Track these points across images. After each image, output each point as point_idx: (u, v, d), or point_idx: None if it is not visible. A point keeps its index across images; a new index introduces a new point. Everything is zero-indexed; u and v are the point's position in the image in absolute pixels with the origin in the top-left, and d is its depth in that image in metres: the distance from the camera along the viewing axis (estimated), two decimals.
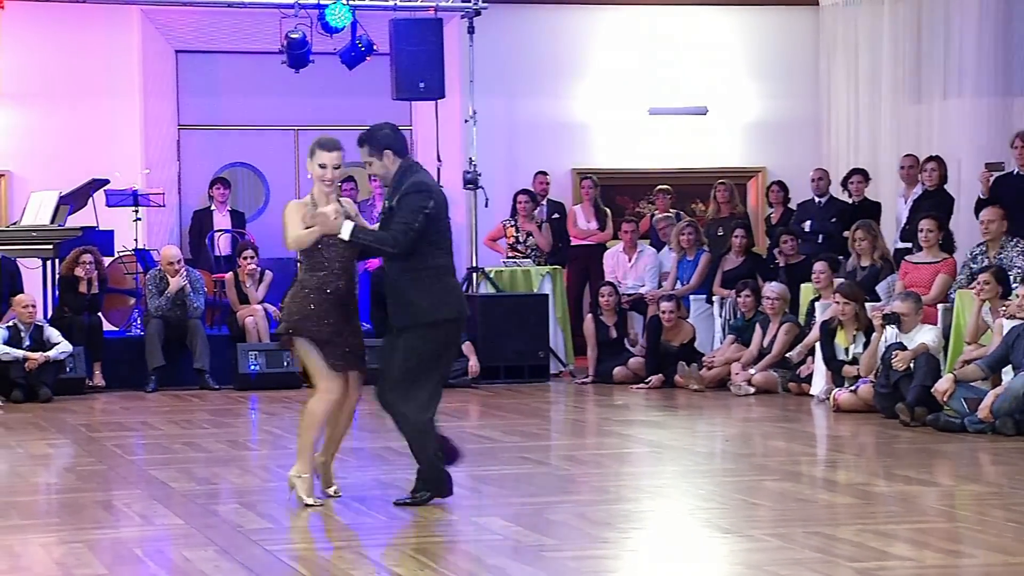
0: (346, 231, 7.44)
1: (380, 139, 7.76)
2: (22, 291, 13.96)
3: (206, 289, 14.99)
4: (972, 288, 11.65)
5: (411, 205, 7.47)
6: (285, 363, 14.35)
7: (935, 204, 13.62)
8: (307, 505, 7.59)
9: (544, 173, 16.26)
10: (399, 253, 7.53)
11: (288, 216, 7.62)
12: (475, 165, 15.31)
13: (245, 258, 15.03)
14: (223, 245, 16.38)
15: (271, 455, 10.50)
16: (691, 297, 15.00)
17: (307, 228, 7.53)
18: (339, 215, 7.49)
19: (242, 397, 13.77)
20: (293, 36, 15.40)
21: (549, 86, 17.20)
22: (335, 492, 7.89)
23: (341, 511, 7.73)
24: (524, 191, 15.69)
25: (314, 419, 7.64)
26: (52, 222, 14.65)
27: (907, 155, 14.80)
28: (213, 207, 16.59)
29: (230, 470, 9.40)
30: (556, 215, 16.23)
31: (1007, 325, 11.08)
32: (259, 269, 15.07)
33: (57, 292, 14.62)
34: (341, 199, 7.85)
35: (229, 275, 15.14)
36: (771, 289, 13.76)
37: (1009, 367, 10.82)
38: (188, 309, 14.45)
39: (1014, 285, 11.17)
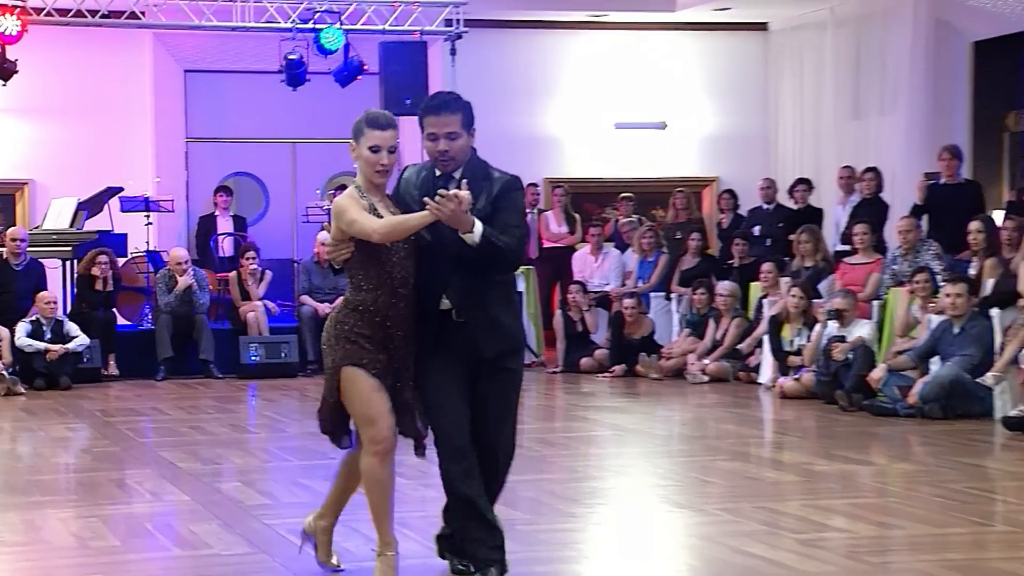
0: (478, 229, 5.11)
1: (471, 112, 5.46)
2: (46, 289, 13.96)
3: (210, 287, 14.96)
4: (907, 287, 11.72)
5: (517, 205, 5.41)
6: (283, 355, 14.38)
7: (871, 211, 13.68)
8: None
9: (535, 184, 16.34)
10: (517, 265, 5.59)
11: (350, 210, 5.21)
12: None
13: (246, 259, 15.02)
14: (226, 247, 16.35)
15: (269, 438, 10.51)
16: (651, 294, 15.01)
17: (400, 214, 5.28)
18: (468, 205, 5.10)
19: (243, 385, 13.74)
20: (291, 57, 15.40)
21: (524, 103, 17.19)
22: (336, 564, 5.73)
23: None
24: None
25: (374, 481, 5.36)
26: (71, 226, 14.67)
27: (845, 166, 14.85)
28: (217, 212, 16.57)
29: (232, 451, 9.41)
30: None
31: (934, 320, 11.15)
32: (259, 269, 15.06)
33: (75, 290, 14.60)
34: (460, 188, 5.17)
35: (232, 274, 15.11)
36: (723, 287, 13.81)
37: (936, 358, 10.89)
38: (194, 305, 14.43)
39: (941, 284, 11.23)
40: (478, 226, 5.10)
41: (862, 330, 11.68)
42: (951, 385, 10.52)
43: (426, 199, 5.08)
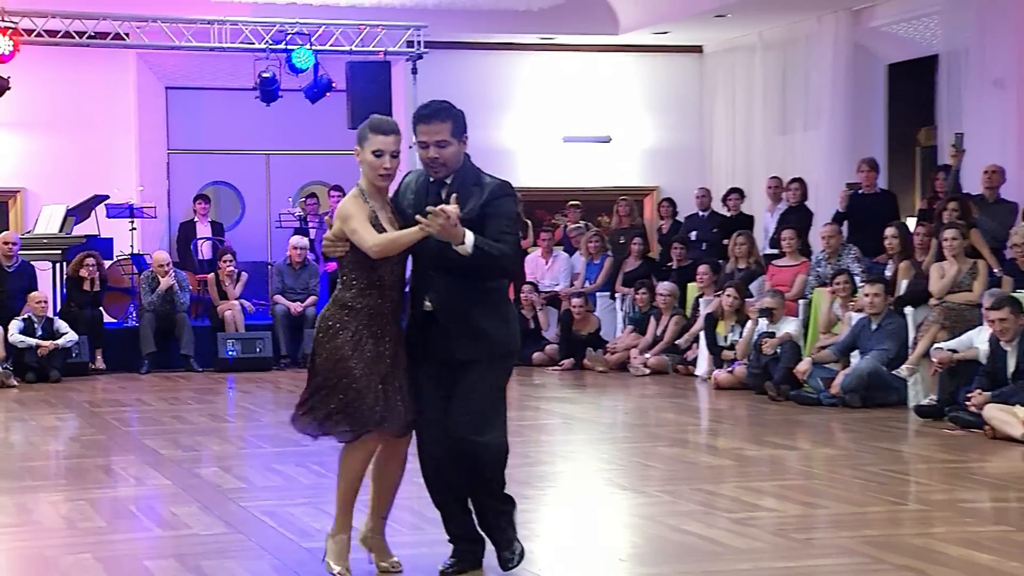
0: (469, 240, 4.82)
1: (463, 120, 5.20)
2: (37, 289, 13.85)
3: (191, 287, 14.88)
4: (830, 287, 11.78)
5: (511, 212, 5.05)
6: (258, 350, 14.32)
7: (797, 217, 13.75)
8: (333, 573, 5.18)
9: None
10: (513, 272, 5.31)
11: (354, 219, 4.98)
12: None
13: (224, 261, 14.95)
14: (205, 250, 16.25)
15: (245, 426, 10.45)
16: (597, 294, 15.03)
17: (399, 228, 5.02)
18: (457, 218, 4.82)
19: (221, 378, 13.66)
20: (264, 75, 15.34)
21: (480, 118, 17.02)
22: (393, 566, 5.31)
23: (305, 474, 7.69)
24: None
25: (352, 475, 5.18)
26: (60, 231, 14.55)
27: (773, 177, 14.92)
28: (197, 219, 16.46)
29: (210, 439, 9.35)
30: None
31: (854, 317, 11.22)
32: (236, 271, 15.01)
33: (65, 290, 14.46)
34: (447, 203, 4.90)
35: (210, 275, 15.03)
36: (663, 287, 13.84)
37: (856, 351, 10.96)
38: (176, 304, 14.34)
39: (860, 285, 11.30)
40: (469, 237, 4.80)
41: (789, 327, 11.74)
42: (869, 376, 10.59)
43: (418, 216, 4.79)
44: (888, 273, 11.57)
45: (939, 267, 10.80)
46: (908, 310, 10.89)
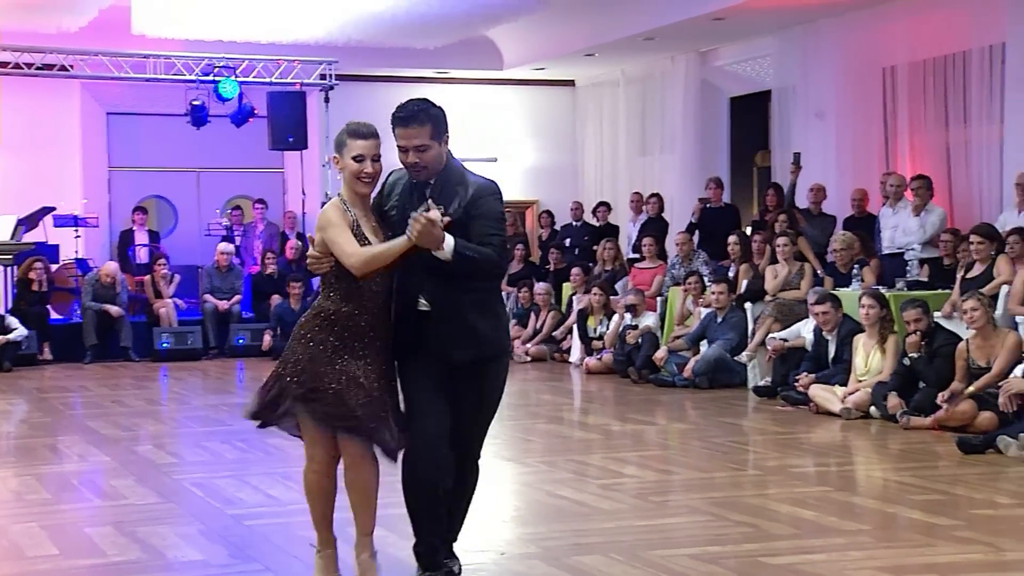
0: (448, 246, 4.12)
1: (443, 120, 4.43)
2: None
3: (129, 287, 14.58)
4: (683, 286, 11.90)
5: (495, 212, 4.33)
6: (188, 342, 14.08)
7: (655, 227, 13.88)
8: None
9: None
10: (499, 274, 4.56)
11: (334, 228, 4.20)
12: (329, 197, 15.09)
13: (159, 265, 14.71)
14: (142, 255, 15.89)
15: (178, 409, 10.26)
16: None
17: (381, 240, 4.24)
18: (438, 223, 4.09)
19: (156, 367, 13.37)
20: (195, 103, 15.05)
21: (387, 142, 16.99)
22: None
23: (230, 450, 7.57)
24: None
25: (317, 492, 4.37)
26: (11, 239, 14.11)
27: (635, 192, 15.04)
28: (135, 228, 16.09)
29: (146, 420, 9.16)
30: None
31: (703, 312, 11.36)
32: (169, 273, 14.80)
33: (15, 290, 14.05)
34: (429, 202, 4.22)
35: (147, 277, 14.75)
36: (540, 287, 13.88)
37: (704, 341, 11.09)
38: (116, 302, 14.04)
39: (708, 284, 11.43)
40: (448, 243, 4.09)
41: (649, 320, 11.84)
42: (716, 362, 10.72)
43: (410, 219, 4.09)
44: (731, 274, 11.73)
45: (773, 269, 10.98)
46: (748, 305, 11.05)
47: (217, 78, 14.93)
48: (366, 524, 4.31)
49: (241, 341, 14.36)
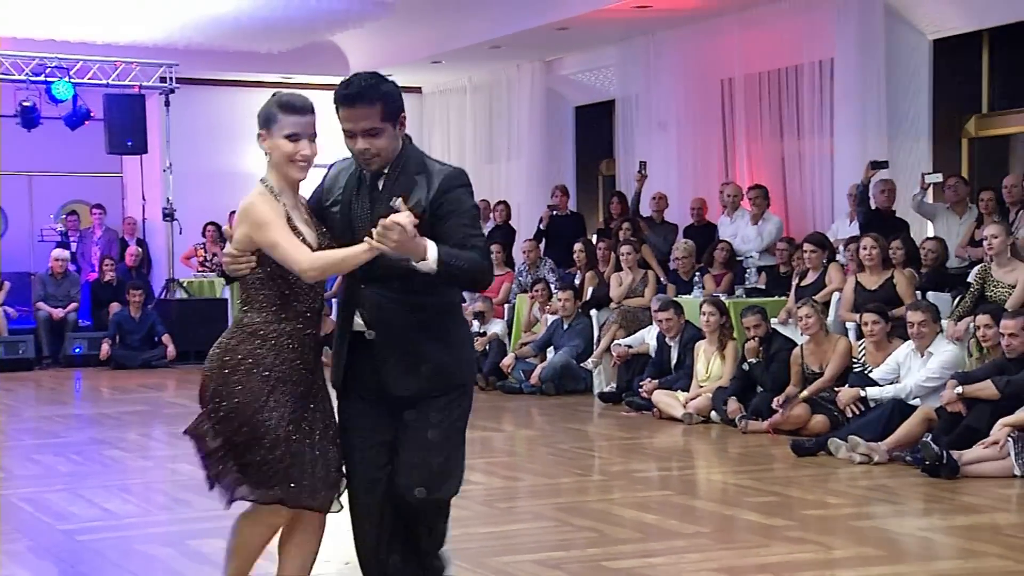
0: (432, 255, 3.33)
1: (396, 97, 3.61)
2: None
3: None
4: (531, 294, 11.99)
5: (469, 207, 3.55)
6: (20, 351, 13.58)
7: (502, 234, 13.96)
8: None
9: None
10: (486, 285, 3.60)
11: (272, 228, 3.48)
12: (171, 203, 14.79)
13: None
14: None
15: (8, 420, 9.83)
16: (332, 300, 14.83)
17: (346, 245, 3.49)
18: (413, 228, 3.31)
19: None
20: (26, 104, 14.51)
21: (227, 146, 16.72)
22: None
23: (63, 463, 7.32)
24: (211, 223, 15.36)
25: (251, 548, 3.65)
26: None
27: (482, 200, 15.04)
28: None
29: None
30: None
31: (550, 318, 11.48)
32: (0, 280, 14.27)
33: None
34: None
35: None
36: None
37: (551, 347, 11.21)
38: None
39: (555, 291, 11.56)
40: (432, 251, 3.30)
41: (496, 327, 11.91)
42: (562, 368, 10.85)
43: (367, 238, 3.30)
44: (577, 281, 11.89)
45: (617, 276, 11.17)
46: (593, 312, 11.21)
47: (50, 79, 14.42)
48: None
49: (78, 350, 13.91)
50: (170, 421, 8.81)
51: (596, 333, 11.01)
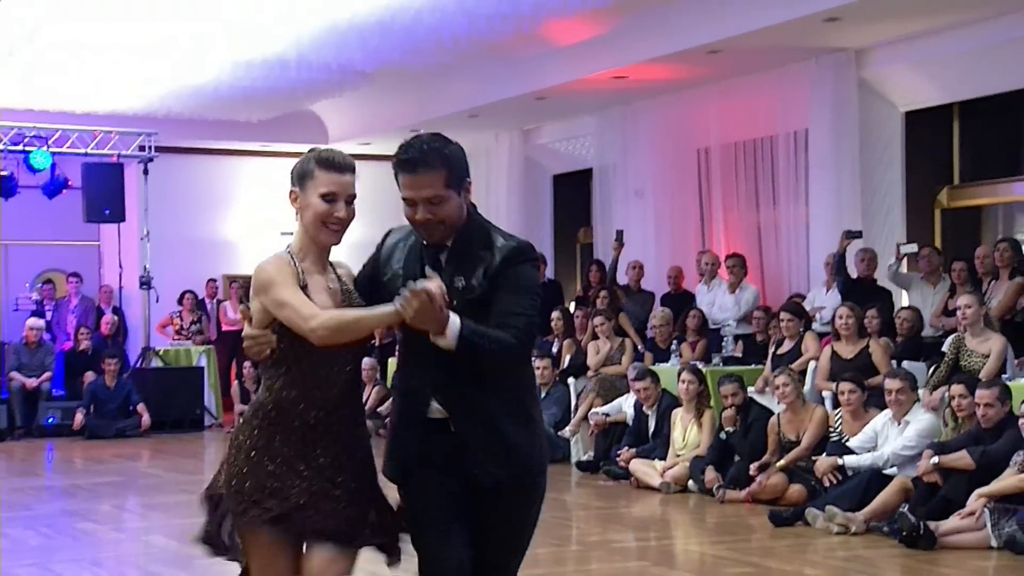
0: (452, 331, 3.02)
1: (462, 161, 3.29)
2: None
3: None
4: None
5: (528, 283, 3.22)
6: None
7: None
8: None
9: (214, 280, 16.02)
10: (521, 359, 3.28)
11: (278, 287, 3.19)
12: (148, 271, 14.80)
13: None
14: None
15: None
16: None
17: (362, 309, 3.20)
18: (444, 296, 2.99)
19: None
20: (3, 174, 14.52)
21: (207, 213, 16.79)
22: None
23: (33, 536, 7.23)
24: (188, 291, 15.37)
25: None
26: None
27: None
28: None
29: None
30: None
31: None
32: None
33: None
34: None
35: None
36: (367, 362, 13.76)
37: None
38: None
39: (533, 359, 11.54)
40: (453, 327, 2.99)
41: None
42: None
43: (396, 298, 2.99)
44: (555, 350, 11.90)
45: (595, 345, 11.19)
46: (571, 380, 11.22)
47: (28, 148, 14.46)
48: None
49: (52, 421, 13.79)
50: (144, 492, 8.74)
51: (574, 401, 11.00)
